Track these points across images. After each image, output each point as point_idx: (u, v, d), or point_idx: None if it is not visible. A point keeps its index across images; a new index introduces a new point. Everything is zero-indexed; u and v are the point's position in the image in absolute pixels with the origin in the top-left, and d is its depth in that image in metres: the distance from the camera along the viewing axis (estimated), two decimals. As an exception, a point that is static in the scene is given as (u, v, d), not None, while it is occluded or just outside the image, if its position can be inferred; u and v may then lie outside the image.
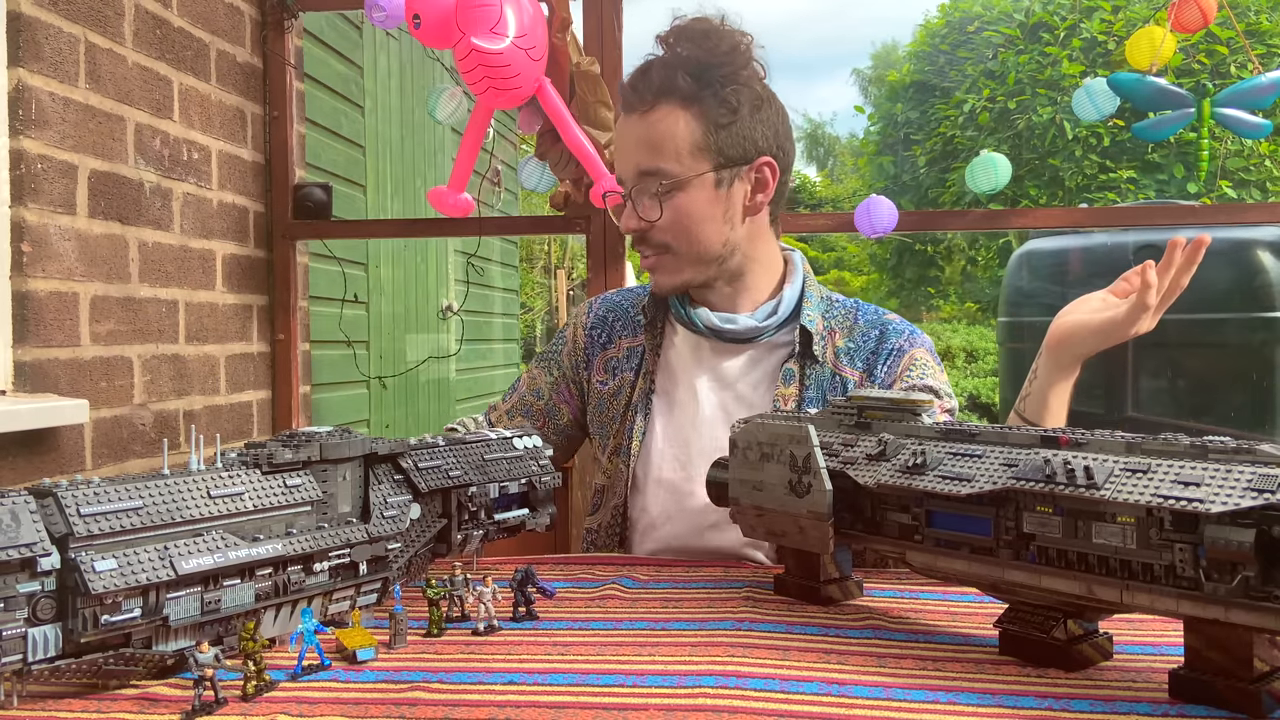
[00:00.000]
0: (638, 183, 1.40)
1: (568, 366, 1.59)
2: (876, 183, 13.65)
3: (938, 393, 1.42)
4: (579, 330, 1.60)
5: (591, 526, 1.53)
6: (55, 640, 0.78)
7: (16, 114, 1.77)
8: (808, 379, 1.43)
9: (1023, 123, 10.78)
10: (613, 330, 1.57)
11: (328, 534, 0.95)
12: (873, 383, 1.44)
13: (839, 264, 17.79)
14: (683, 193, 1.39)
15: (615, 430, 1.50)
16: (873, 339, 1.47)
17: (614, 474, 1.49)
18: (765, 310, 1.46)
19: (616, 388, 1.53)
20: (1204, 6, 1.97)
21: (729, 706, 0.78)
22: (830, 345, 1.46)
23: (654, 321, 1.52)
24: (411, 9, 1.96)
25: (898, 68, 14.61)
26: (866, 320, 1.49)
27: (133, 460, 2.06)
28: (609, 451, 1.51)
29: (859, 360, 1.45)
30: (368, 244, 4.19)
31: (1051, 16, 11.06)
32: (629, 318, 1.57)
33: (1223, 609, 0.73)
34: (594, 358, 1.57)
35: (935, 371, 1.46)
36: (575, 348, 1.59)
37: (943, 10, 13.46)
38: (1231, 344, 4.68)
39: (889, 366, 1.44)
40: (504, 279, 7.05)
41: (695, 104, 1.37)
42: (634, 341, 1.54)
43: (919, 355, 1.45)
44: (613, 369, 1.54)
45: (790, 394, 1.42)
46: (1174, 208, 4.58)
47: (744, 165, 1.41)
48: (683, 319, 1.50)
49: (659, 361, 1.51)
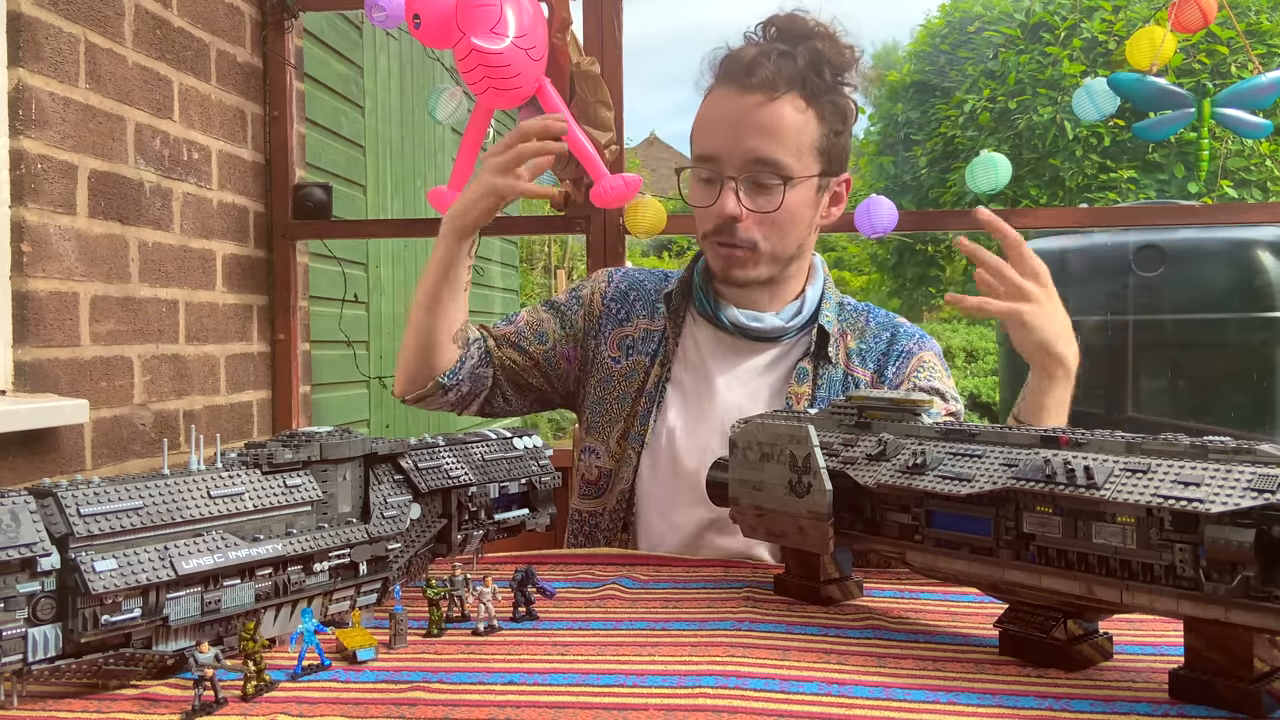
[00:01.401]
0: (748, 169, 1.36)
1: (580, 328, 1.55)
2: (877, 183, 13.64)
3: (943, 395, 1.43)
4: (597, 296, 1.57)
5: (596, 510, 1.50)
6: (55, 640, 0.78)
7: (16, 114, 1.77)
8: (820, 379, 1.44)
9: (1023, 123, 10.77)
10: (632, 308, 1.55)
11: (328, 534, 0.95)
12: (882, 383, 1.45)
13: (839, 264, 17.77)
14: (792, 191, 1.37)
15: (626, 414, 1.48)
16: (884, 340, 1.48)
17: (622, 458, 1.48)
18: (790, 310, 1.47)
19: (629, 369, 1.50)
20: (1204, 6, 1.97)
21: (729, 706, 0.78)
22: (843, 347, 1.47)
23: (678, 311, 1.51)
24: (411, 9, 1.96)
25: (898, 68, 14.60)
26: (878, 323, 1.51)
27: (133, 460, 2.06)
28: (617, 435, 1.48)
29: (870, 361, 1.47)
30: (368, 244, 4.19)
31: (1052, 16, 11.05)
32: (649, 300, 1.55)
33: (1223, 609, 0.73)
34: (607, 330, 1.54)
35: (942, 375, 1.47)
36: (590, 312, 1.56)
37: (943, 10, 13.45)
38: (1231, 344, 4.67)
39: (898, 367, 1.45)
40: (504, 279, 7.05)
41: (820, 104, 1.36)
42: (652, 325, 1.52)
43: (927, 358, 1.46)
44: (627, 348, 1.52)
45: (803, 392, 1.43)
46: (1174, 208, 4.59)
47: (836, 177, 1.43)
48: (707, 314, 1.49)
49: (678, 351, 1.50)
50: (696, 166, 1.41)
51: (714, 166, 1.38)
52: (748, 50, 1.37)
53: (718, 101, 1.39)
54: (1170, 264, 4.76)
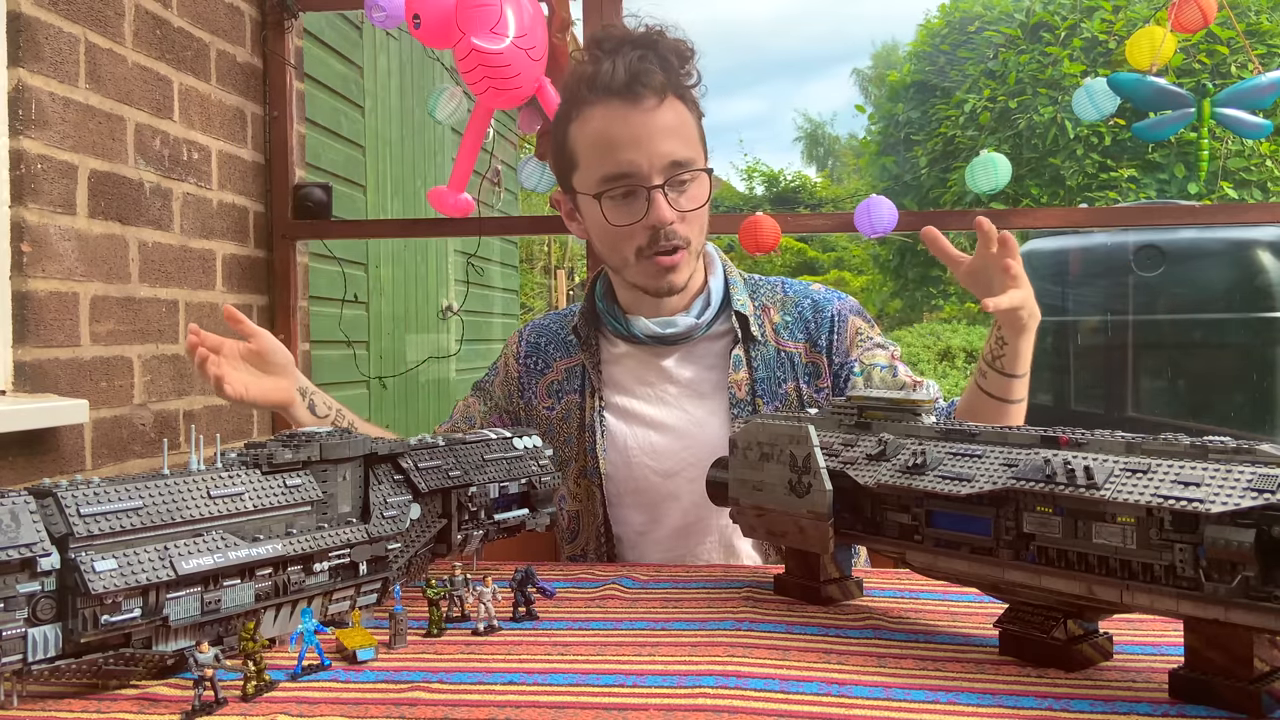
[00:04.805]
0: (669, 173, 1.36)
1: (500, 397, 1.58)
2: (879, 183, 13.64)
3: (884, 346, 1.47)
4: (510, 360, 1.59)
5: (575, 553, 1.51)
6: (55, 640, 0.78)
7: (16, 114, 1.77)
8: (755, 360, 1.45)
9: (1023, 122, 10.77)
10: (547, 355, 1.56)
11: (328, 534, 0.95)
12: (819, 352, 1.46)
13: (839, 264, 17.76)
14: (701, 185, 1.40)
15: (576, 452, 1.49)
16: (806, 308, 1.49)
17: (585, 496, 1.48)
18: (698, 305, 1.47)
19: (564, 410, 1.51)
20: (1204, 6, 1.97)
21: (729, 706, 0.78)
22: (767, 322, 1.48)
23: (588, 340, 1.51)
24: (411, 9, 1.96)
25: (898, 68, 14.60)
26: (795, 291, 1.53)
27: (133, 460, 2.06)
28: (574, 475, 1.49)
29: (798, 332, 1.48)
30: (368, 244, 4.18)
31: (1052, 16, 11.05)
32: (560, 339, 1.56)
33: (1223, 609, 0.73)
34: (532, 385, 1.55)
35: (871, 329, 1.50)
36: (508, 378, 1.58)
37: (943, 10, 13.45)
38: (1231, 344, 4.68)
39: (837, 333, 1.47)
40: (504, 279, 7.05)
41: (688, 101, 1.40)
42: (571, 361, 1.53)
43: (856, 321, 1.49)
44: (556, 393, 1.53)
45: (742, 379, 1.44)
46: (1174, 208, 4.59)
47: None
48: (620, 333, 1.49)
49: (603, 377, 1.50)
50: (612, 188, 1.37)
51: (635, 181, 1.35)
52: (608, 65, 1.35)
53: (610, 119, 1.35)
54: (1170, 264, 4.77)
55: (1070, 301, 5.26)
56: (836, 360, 1.45)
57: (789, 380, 1.44)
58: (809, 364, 1.46)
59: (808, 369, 1.45)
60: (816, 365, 1.45)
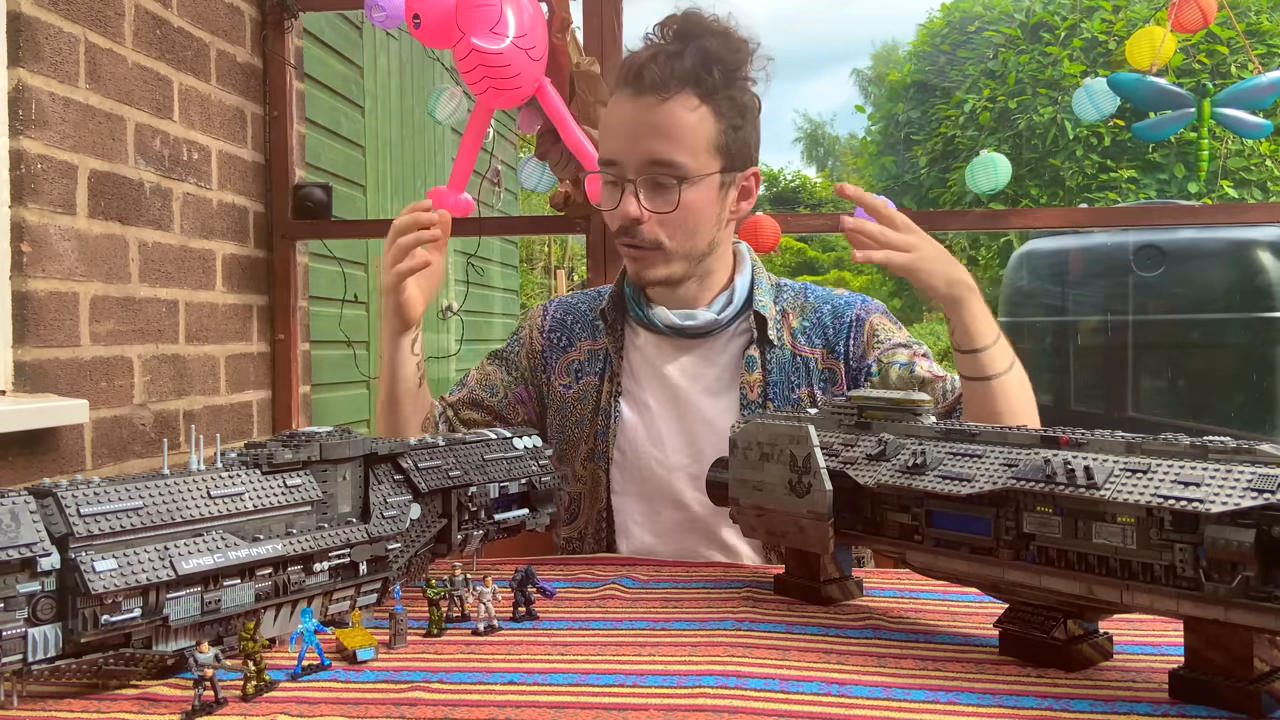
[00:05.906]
0: (645, 171, 1.36)
1: (525, 368, 1.57)
2: (878, 183, 13.64)
3: (908, 345, 1.45)
4: (535, 333, 1.58)
5: (573, 535, 1.51)
6: (55, 640, 0.78)
7: (16, 114, 1.77)
8: (769, 363, 1.45)
9: (1023, 122, 10.78)
10: (572, 333, 1.56)
11: (328, 534, 0.95)
12: (836, 359, 1.45)
13: (839, 264, 17.77)
14: (692, 190, 1.37)
15: (586, 435, 1.49)
16: (826, 314, 1.49)
17: (590, 479, 1.49)
18: (720, 302, 1.47)
19: (581, 391, 1.51)
20: (1204, 6, 1.97)
21: (729, 706, 0.78)
22: (786, 327, 1.48)
23: (614, 324, 1.52)
24: (411, 9, 1.97)
25: (898, 68, 14.60)
26: (816, 297, 1.52)
27: (133, 460, 2.06)
28: (582, 457, 1.49)
29: (816, 338, 1.47)
30: (368, 244, 4.18)
31: (1052, 16, 11.06)
32: (587, 320, 1.56)
33: (1223, 609, 0.73)
34: (553, 361, 1.55)
35: (897, 330, 1.48)
36: (532, 350, 1.58)
37: (944, 10, 13.46)
38: (1231, 344, 4.68)
39: (854, 338, 1.46)
40: (504, 279, 7.05)
41: (715, 101, 1.36)
42: (595, 344, 1.53)
43: (877, 321, 1.48)
44: (575, 372, 1.53)
45: (755, 380, 1.44)
46: (1174, 208, 4.60)
47: (741, 172, 1.43)
48: (642, 321, 1.49)
49: (623, 364, 1.51)
50: (602, 171, 1.41)
51: (616, 170, 1.38)
52: (641, 54, 1.37)
53: (615, 106, 1.40)
54: (1170, 264, 4.77)
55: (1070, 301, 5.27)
56: (852, 365, 1.45)
57: (803, 385, 1.44)
58: (825, 370, 1.45)
59: (823, 375, 1.45)
60: (833, 371, 1.45)
